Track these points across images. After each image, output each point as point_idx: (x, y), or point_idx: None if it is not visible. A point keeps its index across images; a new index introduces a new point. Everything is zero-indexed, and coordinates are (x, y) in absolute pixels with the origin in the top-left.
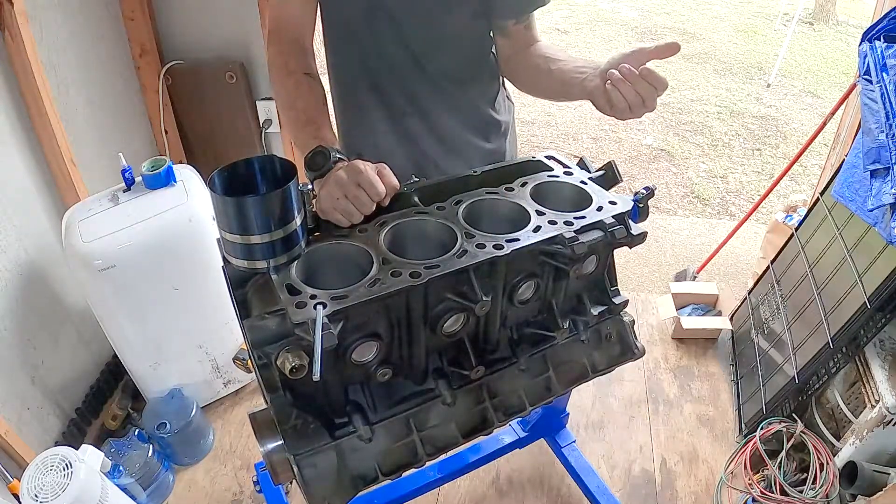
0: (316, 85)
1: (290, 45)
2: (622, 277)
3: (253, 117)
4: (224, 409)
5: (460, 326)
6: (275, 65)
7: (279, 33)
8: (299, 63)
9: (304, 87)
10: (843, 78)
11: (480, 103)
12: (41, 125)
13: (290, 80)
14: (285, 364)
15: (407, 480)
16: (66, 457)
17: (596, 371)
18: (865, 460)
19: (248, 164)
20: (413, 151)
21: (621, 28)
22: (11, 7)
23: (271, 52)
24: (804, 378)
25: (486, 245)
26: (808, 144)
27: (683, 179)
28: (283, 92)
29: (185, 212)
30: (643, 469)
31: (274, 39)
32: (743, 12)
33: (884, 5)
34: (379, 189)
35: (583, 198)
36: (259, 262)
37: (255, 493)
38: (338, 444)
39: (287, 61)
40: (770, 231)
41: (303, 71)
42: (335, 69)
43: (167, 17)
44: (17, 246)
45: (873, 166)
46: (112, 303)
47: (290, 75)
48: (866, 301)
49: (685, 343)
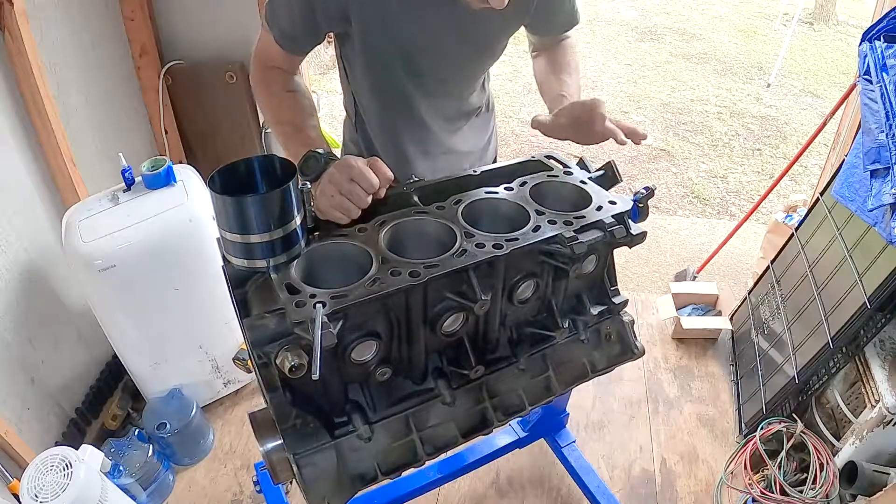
0: (300, 97)
1: (272, 71)
2: (622, 277)
3: (253, 117)
4: (224, 409)
5: (460, 326)
6: (258, 86)
7: (263, 61)
8: (282, 83)
9: (288, 102)
10: (843, 78)
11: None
12: (41, 125)
13: (274, 99)
14: (285, 363)
15: (407, 480)
16: (66, 457)
17: (596, 371)
18: (865, 460)
19: (248, 164)
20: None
21: (621, 28)
22: (11, 7)
23: (254, 76)
24: (804, 378)
25: (486, 244)
26: (808, 144)
27: (683, 179)
28: (268, 111)
29: (185, 212)
30: (643, 469)
31: (258, 63)
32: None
33: (884, 5)
34: (372, 180)
35: (582, 198)
36: (259, 262)
37: (255, 493)
38: (337, 444)
39: (270, 83)
40: (770, 231)
41: (286, 89)
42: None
43: (167, 17)
44: (17, 246)
45: (873, 166)
46: (112, 303)
47: (273, 95)
48: (866, 301)
49: (685, 343)
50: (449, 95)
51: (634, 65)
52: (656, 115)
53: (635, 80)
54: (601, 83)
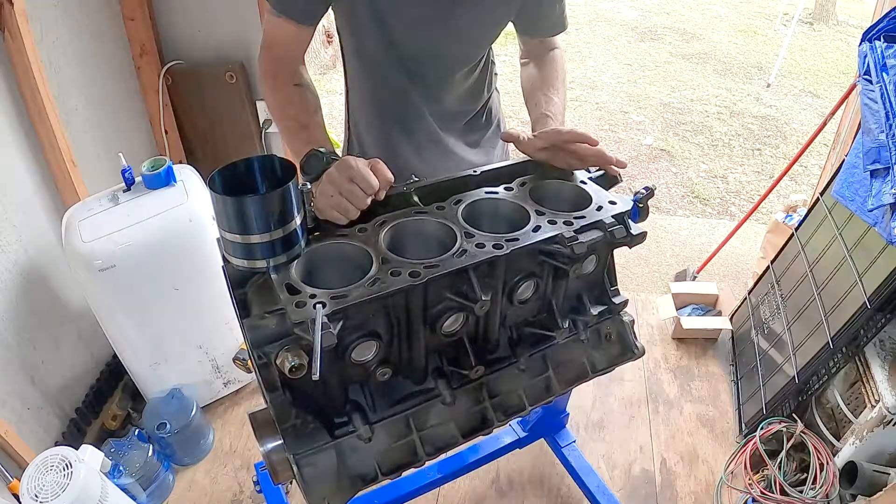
0: (306, 93)
1: (280, 60)
2: (622, 277)
3: (253, 117)
4: (224, 409)
5: (460, 326)
6: (265, 79)
7: (271, 50)
8: (289, 75)
9: (295, 97)
10: (843, 78)
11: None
12: (41, 125)
13: (280, 93)
14: (285, 363)
15: (407, 480)
16: (66, 457)
17: (596, 371)
18: (865, 460)
19: (248, 164)
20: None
21: (621, 28)
22: (11, 7)
23: (262, 64)
24: (804, 378)
25: (486, 245)
26: (808, 144)
27: (683, 179)
28: (274, 104)
29: (185, 212)
30: (643, 469)
31: (265, 54)
32: (743, 12)
33: (884, 5)
34: (372, 182)
35: (582, 198)
36: (259, 262)
37: (255, 493)
38: (337, 444)
39: (276, 74)
40: (770, 231)
41: (293, 82)
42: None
43: (167, 17)
44: (17, 246)
45: (873, 166)
46: (112, 303)
47: (280, 87)
48: (866, 301)
49: (685, 343)
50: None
51: (634, 65)
52: (656, 115)
53: (635, 80)
54: (601, 83)
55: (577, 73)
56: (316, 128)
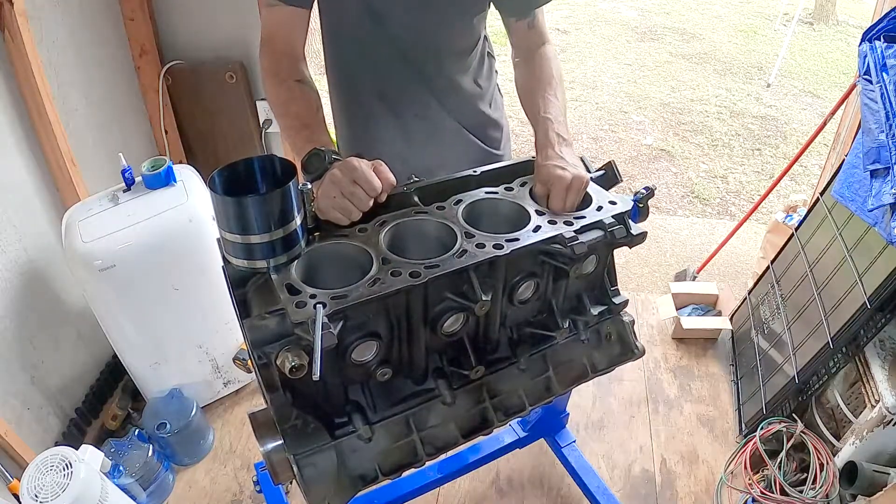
0: (308, 90)
1: (281, 54)
2: (622, 277)
3: (253, 117)
4: (224, 409)
5: (460, 326)
6: (267, 74)
7: (271, 43)
8: (291, 71)
9: (297, 94)
10: (843, 78)
11: (479, 103)
12: (41, 125)
13: (283, 88)
14: (285, 364)
15: (407, 480)
16: (66, 457)
17: (596, 371)
18: (865, 460)
19: (248, 164)
20: (418, 156)
21: (621, 28)
22: (11, 7)
23: (263, 61)
24: (804, 378)
25: (486, 245)
26: (808, 144)
27: (683, 179)
28: (276, 100)
29: (185, 212)
30: (643, 469)
31: (266, 49)
32: (743, 12)
33: (884, 5)
34: (375, 184)
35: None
36: (259, 262)
37: (255, 493)
38: (337, 444)
39: (279, 70)
40: (770, 231)
41: (294, 78)
42: (336, 77)
43: (167, 17)
44: (17, 246)
45: (873, 166)
46: (112, 303)
47: (282, 83)
48: (866, 301)
49: (685, 343)
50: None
51: (634, 65)
52: (656, 115)
53: (635, 80)
54: (601, 83)
55: (577, 73)
56: (317, 126)
